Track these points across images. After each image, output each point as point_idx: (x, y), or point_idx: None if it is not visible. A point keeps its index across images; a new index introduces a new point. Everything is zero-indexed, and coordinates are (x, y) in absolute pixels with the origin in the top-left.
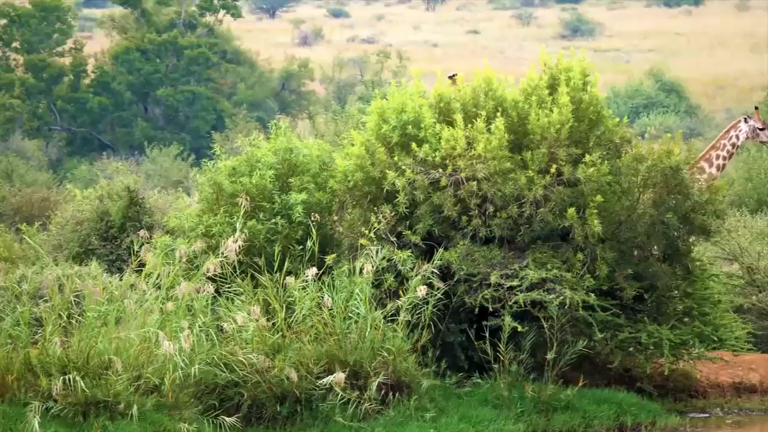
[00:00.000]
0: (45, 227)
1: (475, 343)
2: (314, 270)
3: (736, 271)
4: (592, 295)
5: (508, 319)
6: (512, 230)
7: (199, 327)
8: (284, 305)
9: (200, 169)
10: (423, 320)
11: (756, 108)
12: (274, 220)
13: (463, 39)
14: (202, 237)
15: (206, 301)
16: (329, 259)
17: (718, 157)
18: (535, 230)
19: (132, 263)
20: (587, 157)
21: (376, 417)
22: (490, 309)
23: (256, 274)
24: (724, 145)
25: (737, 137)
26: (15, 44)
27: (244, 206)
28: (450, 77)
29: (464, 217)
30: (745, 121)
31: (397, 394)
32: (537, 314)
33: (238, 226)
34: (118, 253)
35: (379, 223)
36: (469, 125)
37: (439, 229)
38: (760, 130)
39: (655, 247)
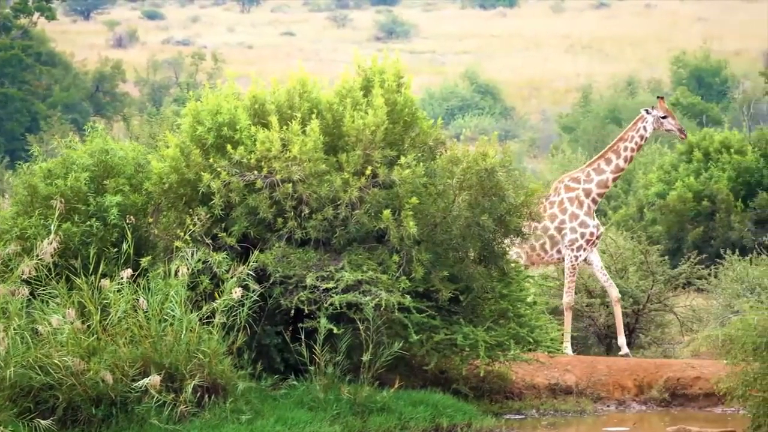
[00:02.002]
0: None
1: (291, 345)
2: (129, 272)
3: (552, 273)
4: (408, 296)
5: (323, 321)
6: (328, 232)
7: (14, 330)
8: (99, 308)
9: (14, 172)
10: (239, 322)
11: (660, 98)
12: (89, 223)
13: (278, 41)
14: (17, 239)
15: (21, 303)
16: (144, 261)
17: (626, 149)
18: (351, 232)
19: None
20: (402, 159)
21: (191, 419)
22: (306, 311)
23: (72, 277)
24: (632, 137)
25: (644, 129)
26: None
27: (59, 209)
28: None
29: (280, 219)
30: (648, 112)
31: (212, 397)
32: (353, 316)
33: (53, 228)
34: None
35: (194, 225)
36: (284, 127)
37: (255, 231)
38: (663, 118)
39: (471, 249)
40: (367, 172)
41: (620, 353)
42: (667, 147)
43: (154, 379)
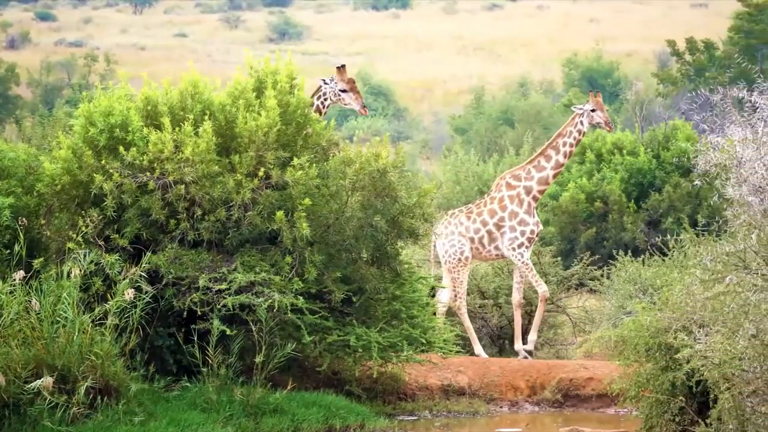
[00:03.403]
0: None
1: (184, 346)
2: (22, 274)
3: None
4: (301, 298)
5: (216, 322)
6: (221, 233)
7: None
8: None
9: None
10: (131, 324)
11: (592, 92)
12: None
13: (171, 42)
14: None
15: None
16: (37, 263)
17: (564, 144)
18: (244, 233)
19: None
20: (295, 161)
21: (84, 421)
22: (199, 312)
23: None
24: (570, 132)
25: (581, 123)
26: None
27: None
28: (338, 68)
29: (172, 221)
30: (593, 110)
31: (105, 398)
32: (246, 317)
33: None
34: None
35: (86, 226)
36: (177, 129)
37: (147, 232)
38: (592, 111)
39: (364, 250)
40: (260, 173)
41: (520, 356)
42: None
43: (47, 380)
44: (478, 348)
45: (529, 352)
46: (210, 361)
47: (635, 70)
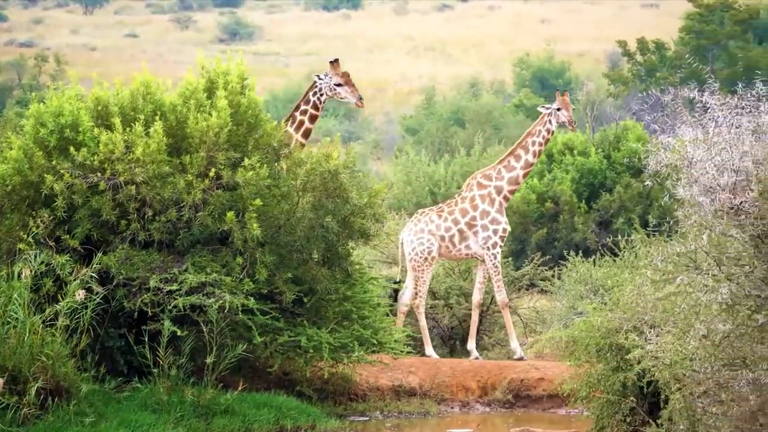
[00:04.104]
0: None
1: (135, 347)
2: None
3: (395, 275)
4: (252, 298)
5: (167, 323)
6: (171, 234)
7: None
8: None
9: None
10: (82, 325)
11: (558, 91)
12: None
13: (122, 42)
14: None
15: None
16: None
17: (534, 143)
18: (195, 234)
19: None
20: (246, 161)
21: (35, 422)
22: (150, 313)
23: None
24: (539, 131)
25: (550, 122)
26: None
27: None
28: (331, 62)
29: (123, 221)
30: (558, 109)
31: (56, 399)
32: (196, 318)
33: None
34: None
35: (37, 227)
36: (128, 129)
37: (98, 233)
38: (558, 110)
39: (315, 251)
40: (211, 173)
41: (472, 356)
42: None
43: None
44: (429, 349)
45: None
46: (161, 362)
47: (586, 70)
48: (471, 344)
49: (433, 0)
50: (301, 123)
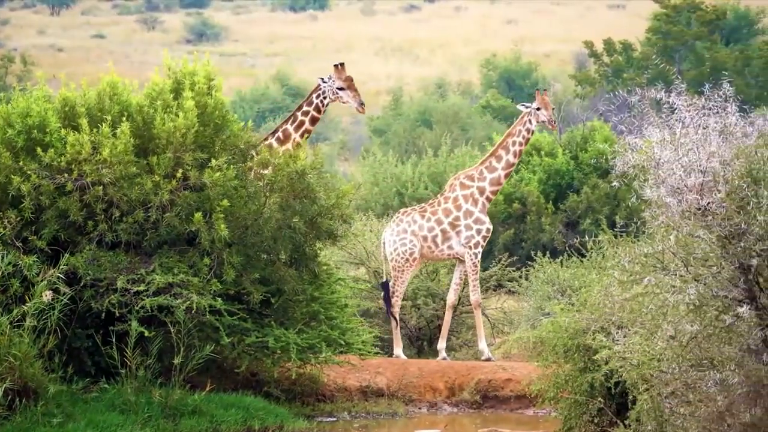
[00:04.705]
0: None
1: (102, 348)
2: None
3: (363, 275)
4: (219, 299)
5: (135, 324)
6: (139, 235)
7: None
8: None
9: None
10: (49, 326)
11: (538, 90)
12: None
13: (89, 43)
14: None
15: None
16: None
17: (514, 143)
18: (162, 235)
19: None
20: (213, 162)
21: (2, 423)
22: (117, 314)
23: None
24: (520, 131)
25: (530, 122)
26: None
27: None
28: (336, 66)
29: (90, 222)
30: (538, 109)
31: (23, 400)
32: (164, 319)
33: None
34: None
35: (4, 228)
36: (95, 130)
37: (65, 234)
38: (537, 110)
39: (282, 252)
40: (178, 174)
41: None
42: (477, 150)
43: None
44: (398, 350)
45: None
46: (128, 363)
47: (553, 71)
48: (441, 344)
49: (400, 1)
50: (301, 123)
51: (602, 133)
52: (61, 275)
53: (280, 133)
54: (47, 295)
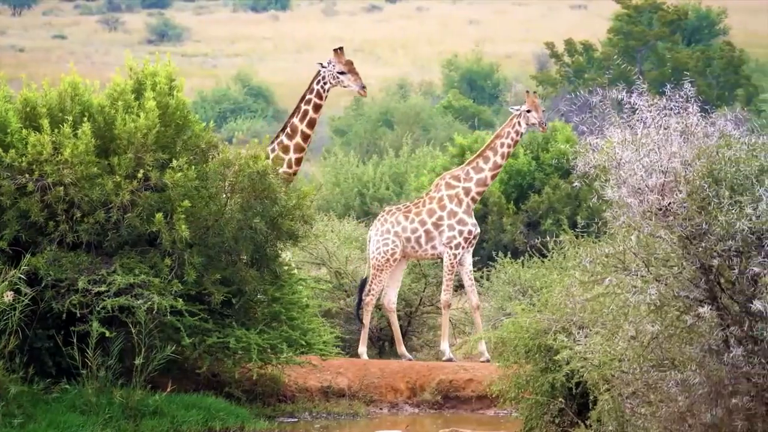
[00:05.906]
0: None
1: (63, 348)
2: None
3: (324, 276)
4: (180, 300)
5: (95, 324)
6: (100, 235)
7: None
8: None
9: None
10: (10, 326)
11: (527, 92)
12: None
13: (50, 44)
14: None
15: None
16: None
17: (502, 145)
18: (123, 235)
19: None
20: (174, 162)
21: None
22: (78, 314)
23: None
24: (508, 133)
25: (519, 124)
26: None
27: None
28: (335, 50)
29: (51, 223)
30: (528, 111)
31: None
32: (125, 320)
33: None
34: None
35: None
36: (56, 130)
37: (26, 234)
38: (528, 112)
39: (243, 252)
40: (139, 175)
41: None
42: (439, 150)
43: None
44: (362, 348)
45: (448, 360)
46: (89, 363)
47: (515, 71)
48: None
49: (361, 1)
50: (305, 113)
51: (563, 133)
52: (22, 276)
53: (288, 129)
54: (8, 296)
